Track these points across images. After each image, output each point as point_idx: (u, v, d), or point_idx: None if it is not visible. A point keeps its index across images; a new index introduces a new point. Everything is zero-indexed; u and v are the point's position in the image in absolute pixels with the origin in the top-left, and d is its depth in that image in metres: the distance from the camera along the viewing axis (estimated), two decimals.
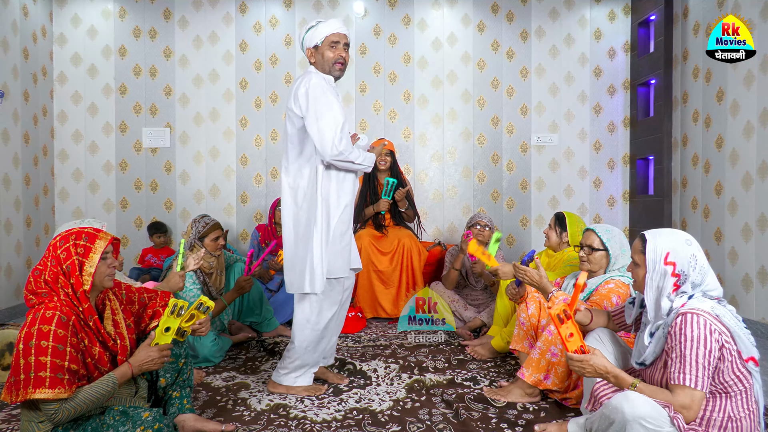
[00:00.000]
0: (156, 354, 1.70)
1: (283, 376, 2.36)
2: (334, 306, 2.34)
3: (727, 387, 1.52)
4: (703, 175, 4.01)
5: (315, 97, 2.16)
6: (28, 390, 1.46)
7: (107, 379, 1.61)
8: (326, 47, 2.28)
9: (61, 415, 1.51)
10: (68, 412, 1.52)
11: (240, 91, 4.73)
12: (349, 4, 4.74)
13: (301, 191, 2.27)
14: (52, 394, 1.47)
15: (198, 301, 1.84)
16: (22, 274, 4.10)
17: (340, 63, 2.29)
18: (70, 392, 1.50)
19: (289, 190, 2.30)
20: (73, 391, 1.51)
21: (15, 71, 4.07)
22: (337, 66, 2.29)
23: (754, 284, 3.47)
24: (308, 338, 2.30)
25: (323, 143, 2.15)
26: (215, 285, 3.03)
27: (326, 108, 2.16)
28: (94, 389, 1.57)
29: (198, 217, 3.03)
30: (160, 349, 1.71)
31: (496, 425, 2.03)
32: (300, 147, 2.27)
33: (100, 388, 1.58)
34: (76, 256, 1.60)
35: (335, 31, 2.27)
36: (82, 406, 1.54)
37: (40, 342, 1.47)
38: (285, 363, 2.36)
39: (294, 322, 2.33)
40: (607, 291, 2.18)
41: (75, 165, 4.67)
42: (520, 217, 4.87)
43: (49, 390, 1.46)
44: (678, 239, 1.62)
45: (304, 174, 2.26)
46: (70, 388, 1.50)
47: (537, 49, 4.83)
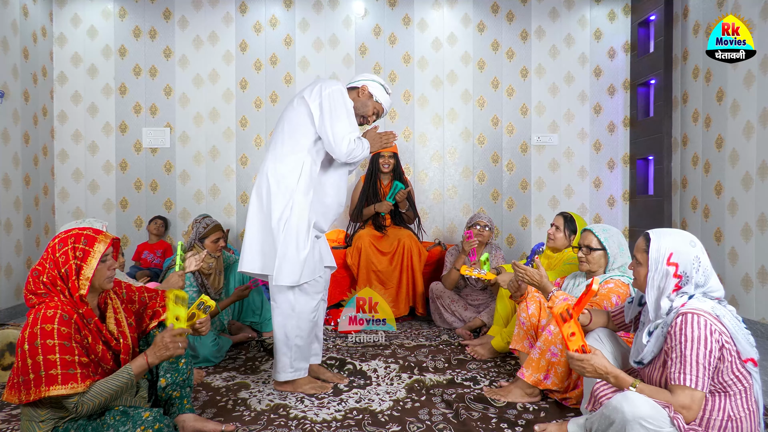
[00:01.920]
0: (168, 339, 1.67)
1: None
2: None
3: (727, 387, 1.52)
4: (703, 175, 4.01)
5: (339, 102, 2.27)
6: (41, 388, 1.47)
7: (124, 371, 1.62)
8: (373, 106, 2.49)
9: (81, 408, 1.53)
10: (88, 404, 1.53)
11: (240, 91, 4.73)
12: (349, 4, 4.74)
13: (283, 180, 2.27)
14: (65, 389, 1.48)
15: (199, 300, 1.85)
16: (22, 274, 4.10)
17: (364, 120, 2.51)
18: (84, 386, 1.51)
19: (271, 177, 2.29)
20: (87, 385, 1.52)
21: (15, 71, 4.07)
22: (363, 119, 2.50)
23: (754, 284, 3.47)
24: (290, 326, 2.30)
25: (339, 146, 2.23)
26: (213, 285, 3.02)
27: (346, 114, 2.28)
28: (110, 382, 1.58)
29: (199, 217, 3.02)
30: (172, 334, 1.68)
31: (496, 425, 2.03)
32: (297, 137, 2.31)
33: (117, 380, 1.59)
34: (74, 260, 1.59)
35: (386, 106, 2.53)
36: (100, 398, 1.55)
37: (46, 341, 1.48)
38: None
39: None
40: (606, 291, 2.18)
41: (75, 165, 4.67)
42: (520, 217, 4.87)
43: (62, 386, 1.48)
44: (682, 240, 1.62)
45: (287, 162, 2.29)
46: (84, 381, 1.51)
47: (537, 49, 4.83)
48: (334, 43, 4.74)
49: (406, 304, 3.81)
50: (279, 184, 2.27)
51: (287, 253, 2.22)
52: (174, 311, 1.76)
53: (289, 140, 2.31)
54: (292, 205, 2.25)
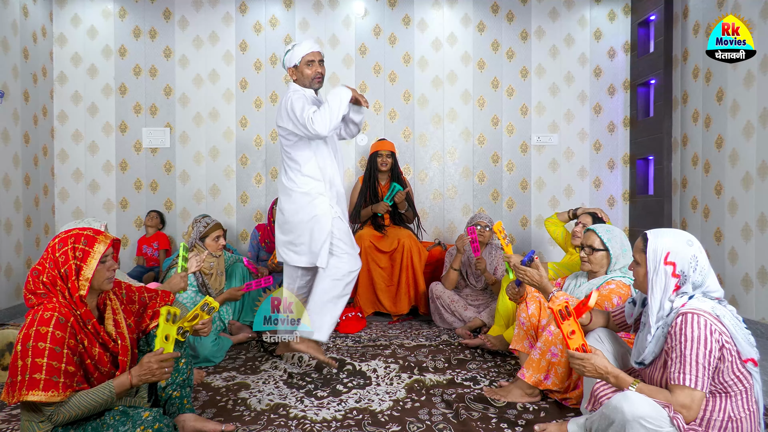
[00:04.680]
0: (155, 365, 1.62)
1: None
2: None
3: (727, 387, 1.52)
4: (703, 175, 4.01)
5: (293, 101, 2.54)
6: (22, 392, 1.46)
7: (105, 388, 1.57)
8: (304, 66, 2.66)
9: (57, 417, 1.51)
10: (64, 415, 1.52)
11: (240, 91, 4.73)
12: (349, 4, 4.74)
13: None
14: (45, 396, 1.46)
15: (203, 302, 1.84)
16: (22, 274, 4.10)
17: (318, 78, 2.68)
18: (63, 396, 1.49)
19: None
20: (66, 395, 1.49)
21: (15, 71, 4.07)
22: (315, 81, 2.68)
23: (754, 284, 3.47)
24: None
25: (308, 128, 2.47)
26: (214, 286, 3.03)
27: (299, 105, 2.51)
28: (90, 396, 1.54)
29: (199, 217, 3.03)
30: (159, 360, 1.63)
31: (496, 425, 2.03)
32: (294, 157, 2.65)
33: (97, 395, 1.55)
34: (74, 261, 1.59)
35: (309, 50, 2.65)
36: (77, 411, 1.52)
37: (38, 344, 1.47)
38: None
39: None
40: (607, 291, 2.18)
41: (75, 165, 4.67)
42: (520, 217, 4.87)
43: (42, 393, 1.46)
44: (679, 240, 1.62)
45: (290, 177, 2.68)
46: (65, 392, 1.49)
47: (537, 49, 4.83)
48: (334, 43, 4.74)
49: (407, 304, 3.81)
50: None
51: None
52: (165, 330, 1.69)
53: (292, 162, 2.68)
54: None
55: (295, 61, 2.66)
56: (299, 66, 2.66)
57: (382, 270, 3.83)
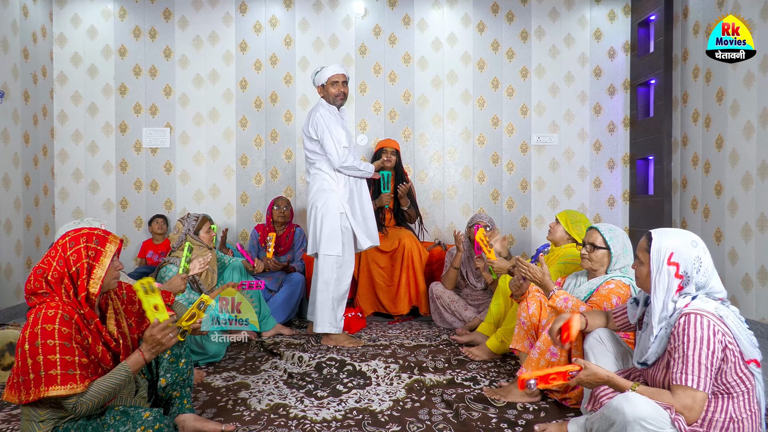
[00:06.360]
0: (159, 335, 1.65)
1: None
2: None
3: (730, 388, 1.52)
4: (703, 175, 4.01)
5: (324, 126, 3.07)
6: (40, 388, 1.47)
7: (120, 369, 1.61)
8: (329, 86, 3.15)
9: (80, 408, 1.53)
10: (87, 404, 1.53)
11: (240, 91, 4.73)
12: (349, 4, 4.74)
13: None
14: (65, 390, 1.48)
15: (199, 300, 1.85)
16: (22, 274, 4.10)
17: (341, 96, 3.17)
18: (83, 387, 1.51)
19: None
20: (86, 385, 1.52)
21: (15, 71, 4.07)
22: (338, 98, 3.17)
23: (754, 284, 3.47)
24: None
25: (332, 157, 3.06)
26: (206, 283, 3.03)
27: (329, 133, 3.05)
28: (108, 380, 1.57)
29: (184, 216, 3.10)
30: (161, 329, 1.66)
31: (496, 425, 2.03)
32: (315, 158, 3.16)
33: (115, 378, 1.59)
34: (87, 259, 1.60)
35: (335, 72, 3.14)
36: (99, 397, 1.55)
37: (47, 341, 1.48)
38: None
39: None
40: (607, 291, 2.18)
41: (75, 165, 4.67)
42: (520, 217, 4.87)
43: (61, 387, 1.48)
44: (684, 240, 1.61)
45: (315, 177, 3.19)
46: (83, 382, 1.51)
47: (537, 49, 4.83)
48: (334, 43, 4.74)
49: (407, 304, 3.81)
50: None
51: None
52: (149, 302, 1.69)
53: (312, 162, 3.21)
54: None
55: (322, 81, 3.15)
56: (326, 85, 3.15)
57: (383, 270, 3.83)
